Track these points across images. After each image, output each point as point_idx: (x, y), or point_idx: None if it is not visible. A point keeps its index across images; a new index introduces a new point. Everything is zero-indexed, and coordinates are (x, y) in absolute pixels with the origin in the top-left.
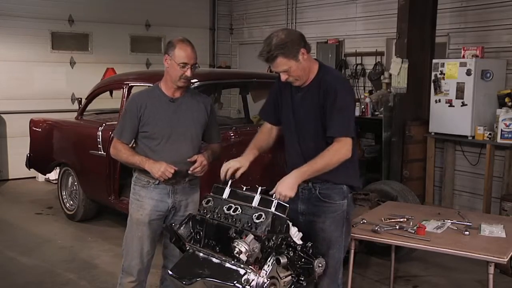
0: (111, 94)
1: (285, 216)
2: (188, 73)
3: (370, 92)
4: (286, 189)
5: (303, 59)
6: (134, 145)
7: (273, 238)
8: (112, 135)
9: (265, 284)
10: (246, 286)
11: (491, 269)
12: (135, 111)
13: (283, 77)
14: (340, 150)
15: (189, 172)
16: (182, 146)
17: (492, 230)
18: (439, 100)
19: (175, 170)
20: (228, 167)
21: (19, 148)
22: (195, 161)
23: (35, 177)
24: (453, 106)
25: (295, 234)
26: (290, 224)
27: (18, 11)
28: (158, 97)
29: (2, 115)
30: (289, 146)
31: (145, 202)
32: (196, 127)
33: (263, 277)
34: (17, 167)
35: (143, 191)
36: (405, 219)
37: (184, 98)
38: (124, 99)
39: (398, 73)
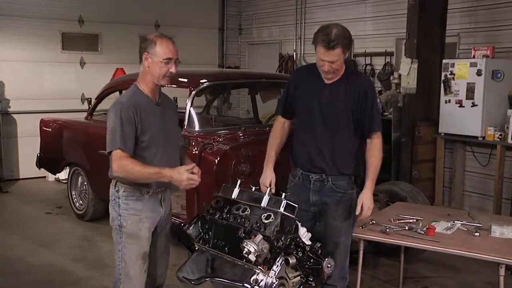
0: (120, 94)
1: (294, 216)
2: (173, 69)
3: (380, 93)
4: (371, 202)
5: (345, 57)
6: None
7: (282, 238)
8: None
9: (274, 285)
10: (255, 286)
11: (502, 271)
12: (132, 117)
13: (327, 67)
14: (381, 143)
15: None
16: (174, 152)
17: (503, 231)
18: (449, 101)
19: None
20: (266, 184)
21: (29, 148)
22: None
23: (45, 177)
24: (463, 107)
25: (304, 235)
26: (299, 224)
27: (29, 12)
28: (145, 102)
29: (12, 115)
30: (305, 137)
31: (143, 216)
32: (178, 130)
33: (272, 277)
34: (27, 166)
35: (139, 204)
36: (415, 220)
37: (162, 100)
38: None
39: (407, 73)
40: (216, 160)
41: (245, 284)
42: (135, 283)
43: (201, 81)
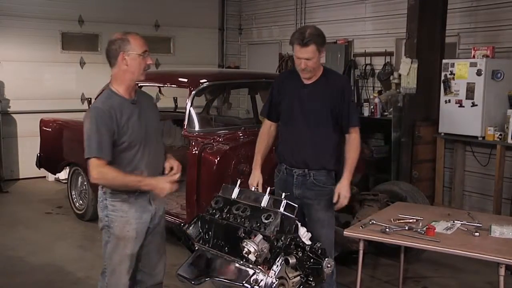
0: None
1: (294, 216)
2: (150, 60)
3: (379, 93)
4: (347, 191)
5: (320, 56)
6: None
7: (282, 238)
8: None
9: (274, 284)
10: (255, 286)
11: (502, 271)
12: (110, 122)
13: (303, 64)
14: (359, 138)
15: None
16: (155, 148)
17: (503, 231)
18: (449, 101)
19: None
20: (254, 184)
21: (29, 148)
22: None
23: (45, 177)
24: (463, 107)
25: (304, 235)
26: (299, 224)
27: (29, 12)
28: (120, 103)
29: (12, 115)
30: (288, 135)
31: (130, 217)
32: (158, 125)
33: (271, 277)
34: (27, 166)
35: (126, 206)
36: (415, 220)
37: (139, 97)
38: None
39: (407, 73)
40: (216, 160)
41: (245, 284)
42: (120, 280)
43: (201, 81)
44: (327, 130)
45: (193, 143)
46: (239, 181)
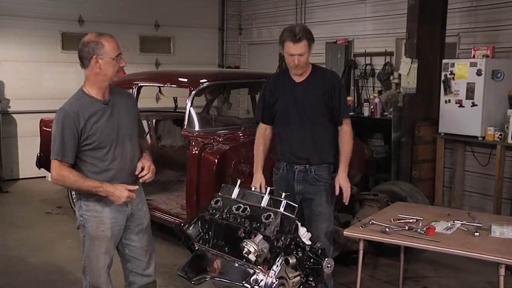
0: None
1: (294, 216)
2: (123, 62)
3: (379, 92)
4: (347, 181)
5: (310, 52)
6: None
7: (282, 238)
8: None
9: (274, 284)
10: (255, 286)
11: (502, 271)
12: (74, 125)
13: (296, 60)
14: (351, 130)
15: (141, 181)
16: (129, 147)
17: (503, 231)
18: (449, 101)
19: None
20: (258, 187)
21: (29, 148)
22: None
23: (45, 177)
24: (463, 107)
25: (304, 235)
26: (299, 224)
27: (29, 12)
28: (90, 104)
29: (12, 115)
30: (286, 133)
31: (104, 217)
32: (133, 125)
33: (271, 277)
34: (27, 166)
35: (99, 206)
36: (415, 220)
37: (114, 97)
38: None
39: (407, 73)
40: (216, 160)
41: (245, 284)
42: (99, 279)
43: (201, 81)
44: (324, 125)
45: (193, 143)
46: (239, 181)
